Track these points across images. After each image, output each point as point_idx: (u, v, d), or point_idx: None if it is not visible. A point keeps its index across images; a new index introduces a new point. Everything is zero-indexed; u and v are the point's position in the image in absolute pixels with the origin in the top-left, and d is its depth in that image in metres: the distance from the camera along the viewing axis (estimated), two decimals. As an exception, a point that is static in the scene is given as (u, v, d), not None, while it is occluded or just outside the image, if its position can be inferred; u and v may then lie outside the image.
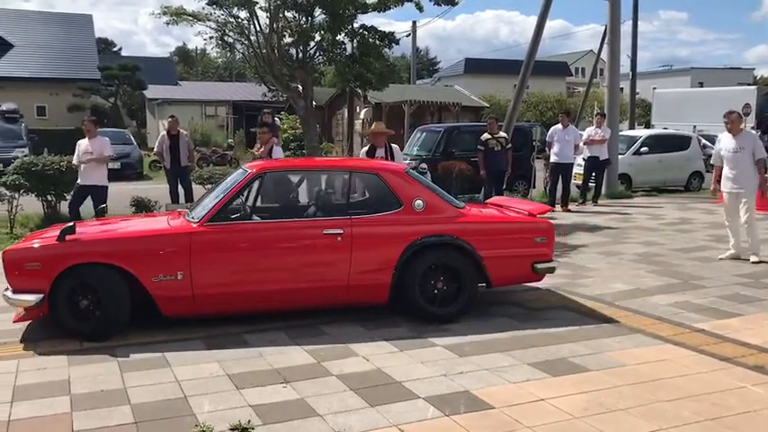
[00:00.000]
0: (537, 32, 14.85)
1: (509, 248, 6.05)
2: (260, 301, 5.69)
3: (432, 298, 5.82)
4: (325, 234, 5.63)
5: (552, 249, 6.28)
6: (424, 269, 5.77)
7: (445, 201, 6.13)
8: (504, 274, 6.10)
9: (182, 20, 12.62)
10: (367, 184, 6.26)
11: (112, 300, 5.34)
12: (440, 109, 27.24)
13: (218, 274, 5.50)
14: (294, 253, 5.68)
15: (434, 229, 5.83)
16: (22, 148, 19.67)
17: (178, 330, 5.56)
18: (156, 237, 5.61)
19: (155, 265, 5.38)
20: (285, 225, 5.81)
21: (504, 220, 6.37)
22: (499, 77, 47.89)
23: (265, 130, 9.79)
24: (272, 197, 6.35)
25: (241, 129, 33.95)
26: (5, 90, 32.22)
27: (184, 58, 77.62)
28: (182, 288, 5.43)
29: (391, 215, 5.84)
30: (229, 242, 5.58)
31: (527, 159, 15.10)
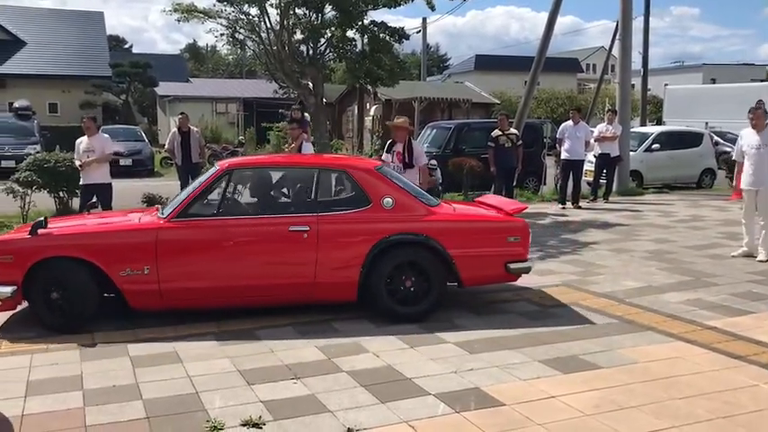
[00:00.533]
0: (548, 28, 14.79)
1: (480, 248, 5.93)
2: (226, 297, 5.73)
3: (401, 296, 5.77)
4: (291, 231, 5.64)
5: (527, 249, 6.15)
6: (392, 267, 5.73)
7: (416, 199, 6.06)
8: (476, 274, 5.97)
9: (192, 17, 12.65)
10: (336, 181, 6.31)
11: (80, 293, 5.48)
12: (450, 106, 27.17)
13: (184, 270, 5.60)
14: (260, 249, 5.71)
15: (403, 227, 5.78)
16: (35, 145, 19.76)
17: (189, 326, 5.60)
18: (124, 232, 5.79)
19: (122, 259, 5.49)
20: (251, 222, 5.83)
21: (475, 218, 6.29)
22: (510, 74, 47.79)
23: (295, 126, 9.74)
24: (240, 194, 6.36)
25: (252, 126, 33.99)
26: (18, 87, 32.46)
27: (195, 56, 77.84)
28: (148, 282, 5.51)
29: (359, 213, 5.82)
30: (195, 238, 5.66)
31: (538, 156, 15.05)
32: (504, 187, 12.41)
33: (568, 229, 10.55)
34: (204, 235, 5.68)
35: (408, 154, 8.12)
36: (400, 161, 8.13)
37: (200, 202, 5.84)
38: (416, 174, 8.08)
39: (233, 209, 6.00)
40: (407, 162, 8.13)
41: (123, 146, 21.37)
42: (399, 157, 8.16)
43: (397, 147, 8.24)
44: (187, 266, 5.62)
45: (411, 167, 8.11)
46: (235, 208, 6.06)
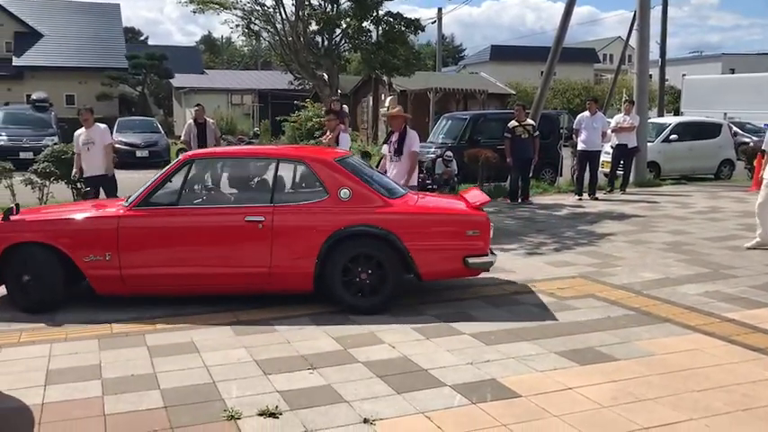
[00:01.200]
0: (565, 18, 14.67)
1: (437, 241, 5.84)
2: (186, 285, 5.88)
3: (358, 288, 5.76)
4: (247, 221, 5.71)
5: (487, 243, 5.91)
6: (348, 259, 5.72)
7: (374, 191, 5.98)
8: (434, 268, 5.88)
9: (208, 8, 12.71)
10: (294, 172, 6.30)
11: (46, 277, 5.75)
12: (465, 96, 27.08)
13: (144, 257, 5.77)
14: (217, 238, 5.78)
15: (359, 219, 5.74)
16: (52, 137, 19.93)
17: (206, 317, 5.63)
18: (87, 219, 5.98)
19: (86, 245, 5.74)
20: (209, 211, 5.95)
21: (432, 211, 6.21)
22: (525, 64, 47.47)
23: (332, 118, 9.70)
24: (200, 184, 6.47)
25: (267, 117, 34.07)
26: (35, 79, 32.79)
27: (210, 47, 78.02)
28: (110, 268, 5.73)
29: (315, 204, 5.84)
30: (155, 226, 5.82)
31: (554, 147, 14.96)
32: (519, 178, 12.37)
33: (585, 221, 10.49)
34: (163, 223, 5.82)
35: (401, 142, 8.02)
36: (394, 149, 8.14)
37: (162, 192, 5.96)
38: (406, 161, 7.98)
39: (193, 198, 6.14)
40: (398, 149, 8.06)
41: (139, 137, 21.54)
42: (393, 145, 8.14)
43: (393, 136, 8.22)
44: (147, 254, 5.78)
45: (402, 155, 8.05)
46: (194, 197, 6.18)
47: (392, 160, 8.11)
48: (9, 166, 11.04)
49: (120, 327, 5.42)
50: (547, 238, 9.15)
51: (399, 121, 8.18)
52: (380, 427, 3.68)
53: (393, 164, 8.12)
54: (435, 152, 13.70)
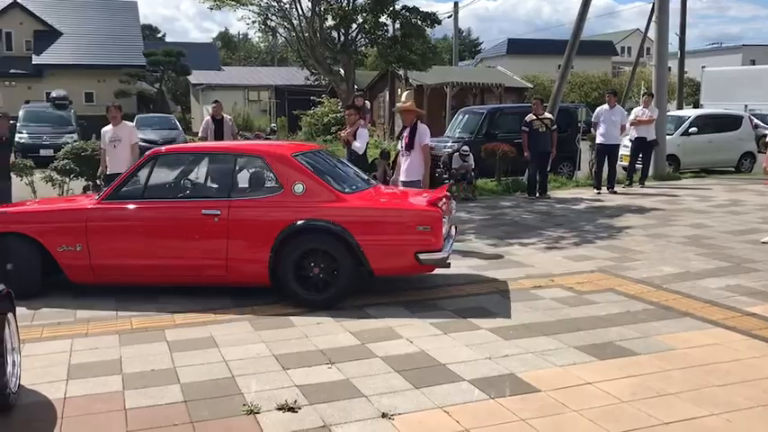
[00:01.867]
0: (582, 11, 14.54)
1: (387, 236, 5.80)
2: (150, 275, 6.07)
3: (312, 282, 5.79)
4: (204, 214, 5.85)
5: (439, 239, 5.77)
6: (300, 253, 5.76)
7: (327, 185, 6.01)
8: (386, 262, 5.83)
9: (224, 4, 12.75)
10: (252, 167, 6.41)
11: (24, 265, 6.02)
12: (482, 90, 26.92)
13: (111, 248, 6.02)
14: (177, 231, 5.97)
15: (311, 214, 5.79)
16: (72, 134, 20.14)
17: (226, 312, 5.67)
18: (60, 212, 6.38)
19: (59, 236, 6.04)
20: (170, 204, 6.11)
21: (383, 206, 6.18)
22: (543, 58, 47.23)
23: (352, 112, 9.72)
24: (165, 178, 6.62)
25: (284, 113, 34.14)
26: (55, 77, 33.09)
27: (227, 44, 78.28)
28: (81, 258, 6.01)
29: (270, 198, 5.94)
30: (120, 219, 6.08)
31: (572, 141, 14.87)
32: (537, 172, 12.31)
33: (604, 215, 10.42)
34: (128, 216, 6.07)
35: (411, 136, 7.90)
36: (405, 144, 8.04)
37: (130, 186, 6.22)
38: (419, 155, 7.86)
39: (157, 192, 6.30)
40: (409, 144, 7.93)
41: (158, 134, 21.68)
42: (407, 140, 8.01)
43: (405, 131, 8.11)
44: (113, 245, 6.02)
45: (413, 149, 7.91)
46: (158, 191, 6.34)
47: (403, 155, 8.09)
48: (30, 164, 11.18)
49: (140, 322, 5.46)
50: (565, 232, 9.10)
51: (411, 116, 8.12)
52: (399, 422, 3.69)
53: (404, 158, 8.08)
54: (452, 146, 13.65)
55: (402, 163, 8.08)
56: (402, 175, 8.03)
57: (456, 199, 12.19)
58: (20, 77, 34.09)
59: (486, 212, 10.90)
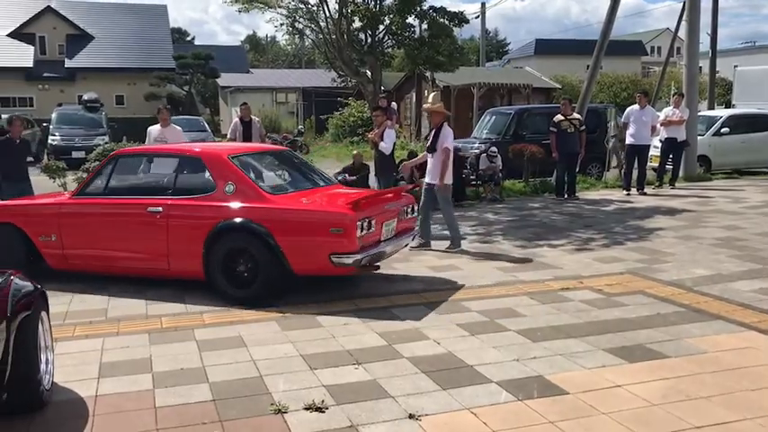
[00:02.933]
0: (611, 10, 14.39)
1: (304, 237, 5.93)
2: (109, 266, 6.66)
3: (239, 280, 6.01)
4: (148, 211, 6.28)
5: (352, 242, 5.76)
6: (226, 250, 6.01)
7: (256, 186, 6.21)
8: (304, 263, 5.93)
9: (253, 7, 12.84)
10: (193, 167, 6.66)
11: (10, 250, 6.69)
12: (510, 91, 26.79)
13: (77, 239, 6.65)
14: (127, 226, 6.49)
15: (237, 213, 6.02)
16: (103, 136, 20.47)
17: (254, 312, 5.71)
18: (39, 206, 7.16)
19: (39, 227, 6.76)
20: (123, 201, 6.62)
21: (299, 208, 6.21)
22: (571, 58, 46.82)
23: (379, 114, 9.76)
24: (122, 177, 7.02)
25: (311, 114, 34.30)
26: (87, 80, 33.62)
27: (255, 46, 78.91)
28: (56, 247, 6.69)
29: (204, 197, 6.24)
30: (83, 214, 6.68)
31: (601, 141, 14.73)
32: (566, 173, 12.21)
33: (633, 216, 10.30)
34: (90, 211, 6.66)
35: (435, 138, 7.94)
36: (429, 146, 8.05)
37: (95, 184, 6.78)
38: (439, 157, 7.89)
39: (114, 190, 6.75)
40: (432, 146, 7.99)
41: (187, 136, 21.89)
42: (431, 142, 8.04)
43: (432, 132, 8.13)
44: (78, 236, 6.64)
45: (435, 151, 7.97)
46: (116, 189, 6.78)
47: (428, 156, 8.09)
48: (62, 165, 11.37)
49: (170, 321, 5.53)
50: (594, 233, 9.01)
51: (437, 118, 8.11)
52: (426, 423, 3.68)
53: (429, 160, 8.10)
54: (479, 147, 13.60)
55: (428, 164, 8.10)
56: (426, 177, 8.07)
57: (483, 200, 12.20)
58: (53, 81, 34.69)
59: (514, 214, 10.84)
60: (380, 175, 9.72)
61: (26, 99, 34.27)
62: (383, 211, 6.33)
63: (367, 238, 5.94)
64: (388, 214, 6.39)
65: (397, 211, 6.60)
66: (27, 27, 35.76)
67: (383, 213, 6.30)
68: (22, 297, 3.74)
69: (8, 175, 9.08)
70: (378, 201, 6.41)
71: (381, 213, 6.25)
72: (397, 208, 6.62)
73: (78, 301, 6.19)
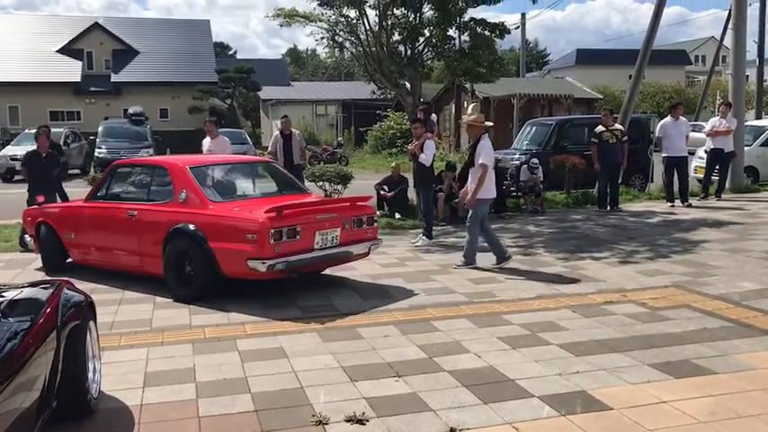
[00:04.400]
0: (654, 20, 14.22)
1: (228, 242, 6.33)
2: (107, 261, 7.58)
3: (185, 280, 6.63)
4: (128, 215, 7.11)
5: (263, 248, 6.09)
6: (176, 252, 6.64)
7: (202, 195, 6.73)
8: (231, 267, 6.37)
9: (294, 21, 12.98)
10: (162, 177, 7.26)
11: (48, 244, 8.10)
12: (550, 102, 26.61)
13: (85, 237, 7.74)
14: (116, 226, 7.30)
15: (184, 219, 6.61)
16: (148, 149, 20.90)
17: (295, 323, 5.75)
18: (63, 207, 8.47)
19: (63, 226, 7.96)
20: (112, 205, 7.48)
21: (225, 215, 6.55)
22: (612, 68, 46.36)
23: (418, 126, 9.78)
24: (116, 185, 7.89)
25: (351, 126, 34.52)
26: (132, 94, 34.39)
27: (296, 60, 79.79)
28: (74, 244, 7.87)
29: (164, 204, 6.93)
30: (89, 215, 7.70)
31: (644, 152, 14.51)
32: (608, 185, 12.05)
33: (678, 228, 10.10)
34: (94, 213, 7.65)
35: (473, 152, 7.75)
36: None
37: (101, 189, 7.79)
38: (476, 172, 7.73)
39: (111, 196, 7.70)
40: (471, 160, 7.78)
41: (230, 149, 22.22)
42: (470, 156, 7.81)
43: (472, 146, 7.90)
44: (87, 235, 7.72)
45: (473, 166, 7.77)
46: (112, 195, 7.71)
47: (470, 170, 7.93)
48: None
49: (213, 332, 5.60)
50: (638, 246, 8.86)
51: (475, 131, 7.91)
52: (467, 437, 3.65)
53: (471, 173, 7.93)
54: (520, 159, 13.52)
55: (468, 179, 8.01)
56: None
57: (524, 212, 12.10)
58: (99, 95, 35.60)
59: (556, 226, 10.72)
60: (420, 187, 9.72)
61: (74, 113, 35.23)
62: (316, 221, 6.56)
63: (290, 245, 6.25)
64: (323, 224, 6.60)
65: (339, 220, 6.75)
66: (75, 43, 36.82)
67: (316, 223, 6.55)
68: (71, 307, 3.83)
69: (35, 187, 9.48)
70: (311, 210, 6.69)
71: (313, 222, 6.52)
72: (339, 218, 6.76)
73: (124, 310, 6.32)
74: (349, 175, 12.08)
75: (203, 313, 6.14)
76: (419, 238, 9.52)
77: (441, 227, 10.60)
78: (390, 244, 9.51)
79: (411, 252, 8.95)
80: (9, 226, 10.21)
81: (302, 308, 6.25)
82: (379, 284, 7.11)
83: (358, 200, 7.28)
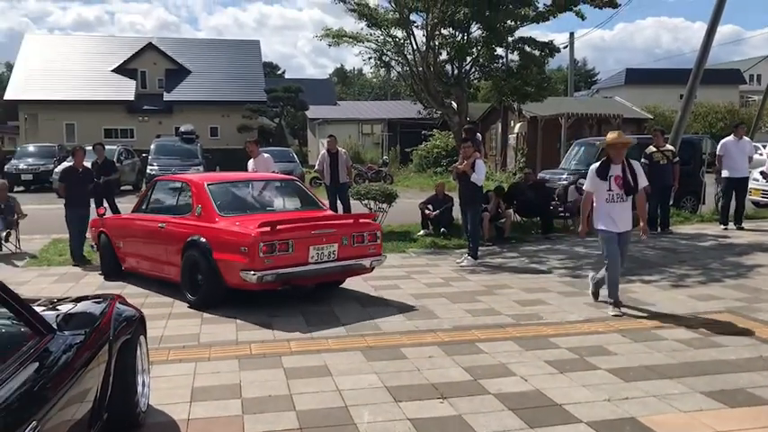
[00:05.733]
0: (707, 38, 13.97)
1: (227, 254, 6.71)
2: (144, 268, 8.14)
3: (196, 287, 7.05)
4: (159, 227, 7.66)
5: (253, 260, 6.44)
6: (191, 262, 7.06)
7: (212, 209, 7.18)
8: (230, 277, 6.72)
9: (342, 41, 13.14)
10: (186, 192, 7.74)
11: (105, 252, 8.85)
12: (599, 122, 26.23)
13: (129, 246, 8.42)
14: (150, 236, 7.89)
15: (197, 231, 7.07)
16: (198, 167, 21.27)
17: (339, 340, 5.77)
18: (114, 219, 9.31)
19: (116, 236, 8.67)
20: (149, 218, 8.08)
21: (226, 228, 6.91)
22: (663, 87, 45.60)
23: (468, 145, 9.77)
24: (155, 199, 8.51)
25: (396, 145, 34.64)
26: (183, 113, 35.16)
27: (342, 79, 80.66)
28: (123, 252, 8.55)
29: (184, 217, 7.43)
30: (132, 226, 8.39)
31: (696, 174, 14.19)
32: (658, 206, 11.81)
33: (732, 252, 9.83)
34: (135, 224, 8.33)
35: (632, 176, 6.58)
36: (620, 187, 6.54)
37: (143, 203, 8.49)
38: (643, 199, 6.87)
39: (150, 209, 8.34)
40: (632, 186, 6.57)
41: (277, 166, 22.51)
42: (618, 181, 6.55)
43: (614, 169, 6.60)
44: (131, 244, 8.38)
45: (634, 192, 6.64)
46: (151, 208, 8.35)
47: (621, 200, 6.61)
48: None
49: (259, 348, 5.65)
50: (690, 269, 8.65)
51: (620, 151, 6.68)
52: (513, 462, 3.59)
53: (618, 204, 6.60)
54: (568, 179, 13.36)
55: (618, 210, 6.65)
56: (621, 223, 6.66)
57: (572, 233, 11.93)
58: (152, 113, 36.49)
59: (603, 247, 10.52)
60: (467, 207, 9.66)
61: (127, 130, 36.18)
62: (310, 236, 6.78)
63: (282, 258, 6.55)
64: (319, 239, 6.82)
65: (337, 236, 6.94)
66: (130, 63, 37.87)
67: (310, 237, 6.78)
68: (123, 321, 3.91)
69: (71, 201, 9.78)
70: (306, 226, 6.91)
71: (307, 237, 6.75)
72: (336, 233, 6.96)
73: (173, 325, 6.42)
74: (394, 194, 12.10)
75: (249, 329, 6.21)
76: (464, 258, 9.46)
77: (486, 247, 10.52)
78: (434, 263, 9.48)
79: (456, 272, 8.90)
80: (63, 240, 10.50)
81: (346, 326, 6.26)
82: (422, 304, 7.08)
83: (361, 216, 7.74)
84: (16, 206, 10.88)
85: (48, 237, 11.67)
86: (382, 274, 8.30)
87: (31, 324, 3.01)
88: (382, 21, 12.66)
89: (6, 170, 23.23)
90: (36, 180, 23.22)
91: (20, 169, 23.43)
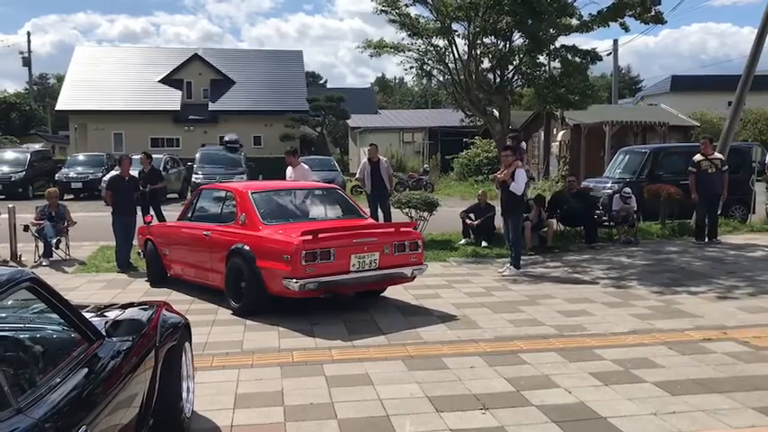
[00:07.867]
0: (757, 43, 13.62)
1: (270, 262, 6.78)
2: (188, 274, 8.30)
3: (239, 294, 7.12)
4: (203, 234, 7.80)
5: (295, 268, 6.50)
6: (235, 270, 7.15)
7: (256, 217, 7.25)
8: (273, 285, 6.78)
9: (384, 51, 13.19)
10: (230, 201, 7.86)
11: (151, 259, 9.01)
12: (644, 129, 25.79)
13: (174, 253, 8.58)
14: (195, 244, 8.06)
15: (241, 239, 7.16)
16: (242, 175, 21.56)
17: (380, 349, 5.77)
18: (160, 227, 9.51)
19: (162, 244, 8.79)
20: (194, 226, 8.27)
21: (269, 237, 6.99)
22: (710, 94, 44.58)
23: (509, 153, 9.72)
24: (199, 207, 8.68)
25: (437, 153, 34.57)
26: (228, 122, 35.70)
27: (384, 88, 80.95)
28: (168, 259, 8.70)
29: (229, 225, 7.56)
30: (177, 234, 8.56)
31: (745, 182, 13.85)
32: (706, 216, 11.56)
33: (783, 263, 9.55)
34: (180, 232, 8.51)
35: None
36: None
37: (188, 211, 8.68)
38: None
39: (195, 217, 8.52)
40: None
41: (318, 175, 22.67)
42: None
43: None
44: (174, 251, 8.56)
45: None
46: (195, 216, 8.53)
47: None
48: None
49: (301, 355, 5.68)
50: (739, 280, 8.43)
51: None
52: (557, 475, 3.54)
53: None
54: (612, 188, 13.17)
55: None
56: None
57: (617, 242, 11.75)
58: (197, 123, 37.11)
59: (650, 257, 10.35)
60: (508, 215, 9.59)
61: (173, 140, 36.84)
62: (352, 244, 6.83)
63: (323, 266, 6.60)
64: (360, 247, 6.86)
65: (378, 245, 6.97)
66: (176, 73, 38.60)
67: (352, 246, 6.82)
68: (168, 328, 3.98)
69: (117, 209, 9.97)
70: (348, 234, 6.95)
71: (349, 246, 6.79)
72: (378, 242, 6.99)
73: (217, 331, 6.51)
74: (435, 203, 12.07)
75: (291, 337, 6.25)
76: (506, 267, 9.38)
77: (528, 256, 10.42)
78: (476, 273, 9.42)
79: (497, 281, 8.83)
80: (110, 247, 10.74)
81: (387, 335, 6.26)
82: (464, 314, 7.04)
83: (402, 225, 7.76)
84: (66, 214, 11.18)
85: (96, 244, 11.94)
86: (423, 282, 8.28)
87: (80, 330, 3.09)
88: (423, 30, 12.67)
89: (57, 178, 23.89)
90: (85, 188, 23.82)
91: (70, 177, 24.04)
